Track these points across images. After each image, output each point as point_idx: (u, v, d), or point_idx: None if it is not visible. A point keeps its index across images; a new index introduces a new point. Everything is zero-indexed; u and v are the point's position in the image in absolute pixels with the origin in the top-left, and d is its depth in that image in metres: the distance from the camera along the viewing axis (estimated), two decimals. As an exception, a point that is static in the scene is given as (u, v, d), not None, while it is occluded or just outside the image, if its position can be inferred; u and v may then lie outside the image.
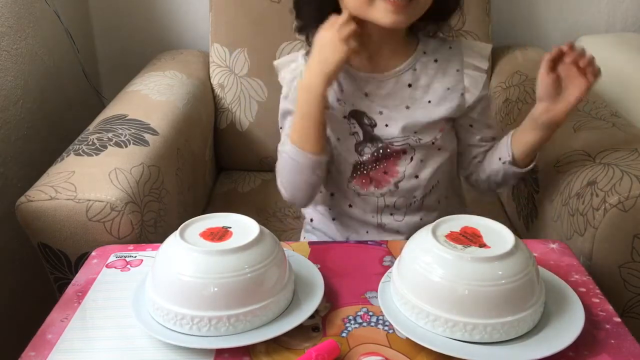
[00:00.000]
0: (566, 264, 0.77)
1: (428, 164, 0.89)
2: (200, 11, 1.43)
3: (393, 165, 0.89)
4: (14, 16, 1.12)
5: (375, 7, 0.78)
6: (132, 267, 0.78)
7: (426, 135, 0.87)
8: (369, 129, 0.87)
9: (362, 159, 0.89)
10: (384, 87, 0.86)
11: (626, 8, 1.50)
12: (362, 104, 0.87)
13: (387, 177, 0.89)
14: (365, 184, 0.90)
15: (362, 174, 0.90)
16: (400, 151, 0.88)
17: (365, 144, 0.88)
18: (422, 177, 0.89)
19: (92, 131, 1.02)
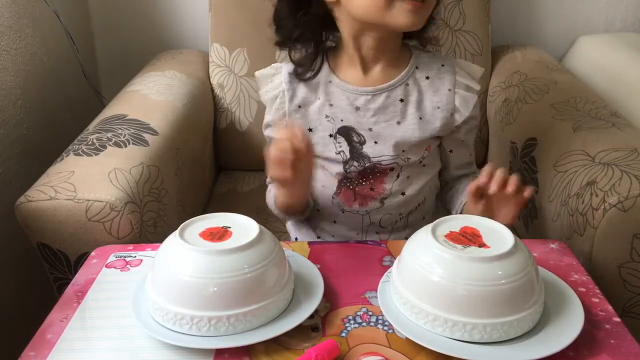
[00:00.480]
0: (566, 263, 0.77)
1: (414, 181, 0.88)
2: (200, 11, 1.43)
3: (380, 183, 0.88)
4: (13, 16, 1.12)
5: (395, 9, 0.77)
6: (131, 267, 0.78)
7: (414, 154, 0.86)
8: (357, 146, 0.86)
9: (349, 176, 0.88)
10: (376, 101, 0.85)
11: (625, 8, 1.50)
12: (352, 119, 0.85)
13: (373, 194, 0.88)
14: (349, 199, 0.89)
15: (348, 188, 0.89)
16: (387, 168, 0.87)
17: (352, 162, 0.87)
18: (408, 193, 0.89)
19: (91, 131, 1.02)
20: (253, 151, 1.35)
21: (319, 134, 0.87)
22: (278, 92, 0.88)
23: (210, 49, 1.35)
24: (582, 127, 1.00)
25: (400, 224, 0.90)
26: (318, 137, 0.87)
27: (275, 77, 0.89)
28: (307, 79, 0.86)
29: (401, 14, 0.77)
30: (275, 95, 0.88)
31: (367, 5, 0.78)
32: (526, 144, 1.08)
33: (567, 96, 1.13)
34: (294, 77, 0.87)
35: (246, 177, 1.35)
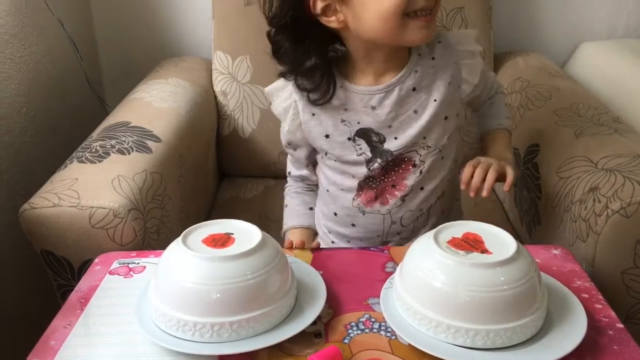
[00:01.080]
0: (569, 269, 0.77)
1: (433, 175, 0.88)
2: (203, 19, 1.44)
3: (401, 179, 0.87)
4: (18, 24, 1.13)
5: (409, 28, 0.77)
6: (134, 273, 0.78)
7: (434, 138, 0.86)
8: (377, 145, 0.86)
9: (371, 174, 0.88)
10: (390, 96, 0.84)
11: (628, 14, 1.50)
12: (369, 120, 0.85)
13: (395, 191, 0.88)
14: (370, 200, 0.89)
15: (370, 188, 0.89)
16: (409, 162, 0.87)
17: (375, 160, 0.87)
18: (427, 188, 0.89)
19: (95, 138, 1.02)
20: (256, 158, 1.36)
21: (336, 139, 0.87)
22: (290, 103, 0.88)
23: (213, 57, 1.36)
24: (585, 133, 1.00)
25: (421, 220, 0.91)
26: (336, 142, 0.87)
27: (284, 89, 0.89)
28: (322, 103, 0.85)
29: (415, 31, 0.77)
30: (287, 106, 0.88)
31: (379, 30, 0.78)
32: (529, 150, 1.08)
33: (569, 102, 1.13)
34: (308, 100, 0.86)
35: (249, 184, 1.35)
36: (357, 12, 0.77)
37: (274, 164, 1.33)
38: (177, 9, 1.49)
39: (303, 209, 0.98)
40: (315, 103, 0.85)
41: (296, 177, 0.99)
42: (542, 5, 1.49)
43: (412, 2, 0.75)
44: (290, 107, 0.88)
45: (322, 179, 0.94)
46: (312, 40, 0.82)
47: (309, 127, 0.88)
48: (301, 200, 0.98)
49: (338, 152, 0.87)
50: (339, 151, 0.87)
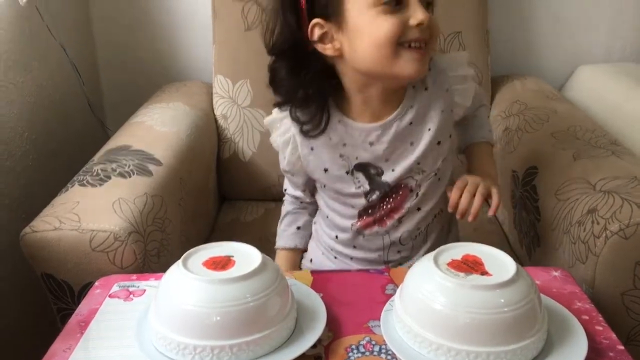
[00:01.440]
0: (569, 291, 0.77)
1: (430, 196, 0.89)
2: (204, 44, 1.46)
3: (400, 204, 0.89)
4: (20, 49, 1.15)
5: (401, 59, 0.77)
6: (134, 296, 0.78)
7: (428, 164, 0.87)
8: (376, 177, 0.87)
9: (371, 204, 0.89)
10: (388, 133, 0.85)
11: (624, 38, 1.52)
12: (367, 155, 0.86)
13: (392, 214, 0.89)
14: (370, 225, 0.90)
15: (369, 215, 0.90)
16: (406, 189, 0.88)
17: (374, 192, 0.88)
18: (424, 209, 0.90)
19: (96, 162, 1.03)
20: (256, 181, 1.36)
21: (335, 173, 0.88)
22: (288, 136, 0.89)
23: (214, 81, 1.37)
24: (583, 156, 1.01)
25: (419, 238, 0.91)
26: (334, 176, 0.88)
27: (282, 121, 0.89)
28: (316, 135, 0.85)
29: (408, 63, 0.77)
30: (287, 140, 0.89)
31: (373, 58, 0.78)
32: (527, 173, 1.09)
33: (567, 125, 1.14)
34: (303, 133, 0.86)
35: (249, 207, 1.35)
36: (352, 40, 0.78)
37: (274, 187, 1.33)
38: (179, 34, 1.51)
39: (292, 229, 1.00)
40: (308, 135, 0.86)
41: (291, 195, 1.00)
42: (539, 29, 1.51)
43: (406, 31, 0.76)
44: (290, 141, 0.89)
45: (322, 205, 0.95)
46: (309, 72, 0.82)
47: (308, 160, 0.89)
48: (292, 219, 1.01)
49: (337, 186, 0.89)
50: (338, 185, 0.88)
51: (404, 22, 0.76)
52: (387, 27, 0.75)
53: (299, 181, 0.95)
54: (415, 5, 0.76)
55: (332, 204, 0.92)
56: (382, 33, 0.76)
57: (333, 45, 0.79)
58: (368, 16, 0.76)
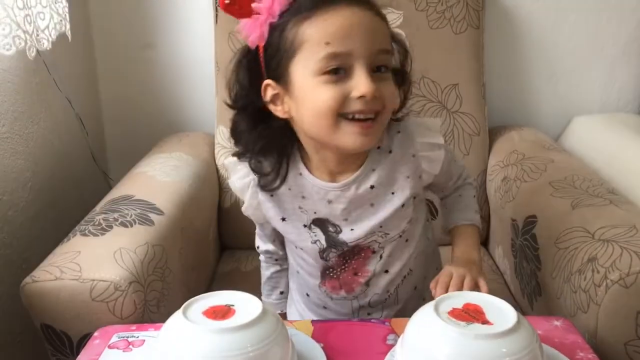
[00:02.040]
0: (571, 341, 0.76)
1: (397, 258, 0.87)
2: (207, 96, 1.48)
3: (362, 265, 0.87)
4: (27, 102, 1.17)
5: (342, 131, 0.73)
6: (134, 347, 0.78)
7: (392, 228, 0.84)
8: (333, 235, 0.84)
9: (329, 264, 0.87)
10: (346, 194, 0.82)
11: (619, 89, 1.55)
12: (326, 212, 0.83)
13: (358, 279, 0.87)
14: (335, 288, 0.89)
15: (332, 277, 0.88)
16: (368, 250, 0.86)
17: (330, 250, 0.85)
18: (392, 271, 0.88)
19: (98, 211, 1.04)
20: (257, 231, 1.36)
21: (293, 223, 0.85)
22: (248, 180, 0.85)
23: (216, 132, 1.39)
24: (581, 205, 1.02)
25: (390, 300, 0.90)
26: (292, 226, 0.85)
27: (243, 170, 0.86)
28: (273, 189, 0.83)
29: (348, 136, 0.73)
30: (246, 184, 0.85)
31: (315, 126, 0.75)
32: (526, 221, 1.09)
33: (564, 174, 1.15)
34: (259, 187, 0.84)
35: (249, 256, 1.35)
36: (298, 106, 0.75)
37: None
38: (182, 86, 1.54)
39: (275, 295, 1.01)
40: (265, 189, 0.83)
41: (263, 252, 0.98)
42: (535, 81, 1.54)
43: (346, 104, 0.72)
44: (249, 185, 0.85)
45: (291, 259, 0.94)
46: (267, 127, 0.79)
47: (267, 207, 0.86)
48: (272, 284, 1.01)
49: (293, 238, 0.86)
50: (295, 237, 0.86)
51: (345, 93, 0.72)
52: (326, 98, 0.72)
53: (267, 231, 0.94)
54: (360, 76, 0.71)
55: (298, 260, 0.91)
56: (322, 103, 0.72)
57: (283, 108, 0.77)
58: (311, 84, 0.72)
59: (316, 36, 0.71)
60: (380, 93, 0.73)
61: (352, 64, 0.72)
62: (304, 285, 0.93)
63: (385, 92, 0.74)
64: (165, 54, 1.52)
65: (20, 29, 1.02)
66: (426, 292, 0.88)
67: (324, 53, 0.71)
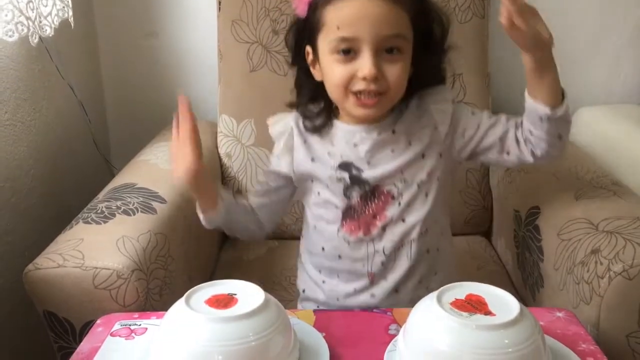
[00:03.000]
0: (573, 332, 0.76)
1: (415, 209, 0.91)
2: (209, 84, 1.48)
3: (382, 210, 0.91)
4: (29, 89, 1.17)
5: (349, 102, 0.86)
6: (136, 335, 0.78)
7: (412, 174, 0.90)
8: (356, 174, 0.91)
9: (351, 203, 0.91)
10: (370, 136, 0.90)
11: (624, 80, 1.54)
12: (352, 155, 0.91)
13: (376, 221, 0.91)
14: (354, 230, 0.92)
15: (352, 219, 0.92)
16: (388, 195, 0.90)
17: (353, 187, 0.91)
18: (408, 221, 0.91)
19: (101, 199, 1.04)
20: (259, 219, 1.36)
21: (321, 164, 0.93)
22: (286, 128, 0.96)
23: (219, 120, 1.39)
24: (584, 196, 1.02)
25: (403, 252, 0.91)
26: (320, 167, 0.93)
27: (284, 119, 0.97)
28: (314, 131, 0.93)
29: (354, 107, 0.86)
30: (284, 130, 0.96)
31: (333, 94, 0.88)
32: (530, 212, 1.09)
33: (568, 165, 1.15)
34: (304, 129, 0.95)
35: (251, 245, 1.35)
36: (323, 74, 0.88)
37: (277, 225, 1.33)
38: (185, 75, 1.54)
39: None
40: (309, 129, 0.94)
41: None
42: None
43: (353, 82, 0.83)
44: (286, 132, 0.96)
45: (309, 217, 0.97)
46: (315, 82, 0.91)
47: (298, 151, 0.94)
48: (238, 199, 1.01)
49: (321, 174, 0.93)
50: (322, 173, 0.93)
51: (352, 72, 0.83)
52: (337, 75, 0.84)
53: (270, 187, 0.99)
54: (366, 58, 0.82)
55: (317, 211, 0.95)
56: (334, 78, 0.85)
57: (317, 72, 0.90)
58: (328, 60, 0.85)
59: (331, 20, 0.83)
60: (384, 75, 0.83)
61: (360, 47, 0.82)
62: (320, 239, 0.95)
63: (390, 74, 0.83)
64: (168, 42, 1.52)
65: (22, 16, 1.02)
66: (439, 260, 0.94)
67: (335, 36, 0.83)
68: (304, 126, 0.94)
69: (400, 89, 0.86)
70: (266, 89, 1.35)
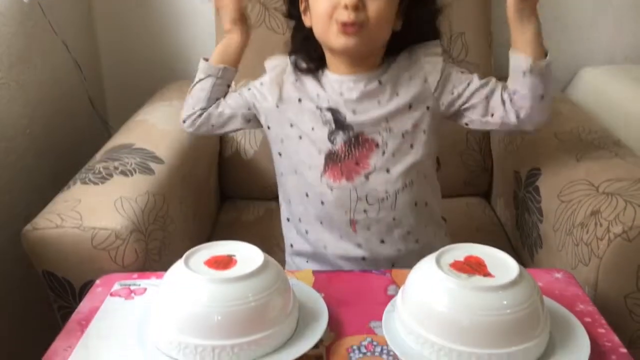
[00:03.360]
0: (571, 293, 0.77)
1: (400, 160, 0.91)
2: (207, 42, 1.45)
3: (365, 158, 0.91)
4: (23, 46, 1.14)
5: (330, 31, 0.87)
6: (136, 295, 0.78)
7: (397, 123, 0.91)
8: (341, 118, 0.92)
9: (334, 148, 0.91)
10: (357, 86, 0.91)
11: (627, 40, 1.52)
12: (338, 103, 0.92)
13: (358, 169, 0.91)
14: (337, 176, 0.92)
15: (335, 164, 0.92)
16: (372, 142, 0.91)
17: (338, 132, 0.91)
18: (392, 172, 0.91)
19: (98, 160, 1.03)
20: (257, 180, 1.36)
21: (307, 105, 0.94)
22: (284, 63, 0.97)
23: (217, 80, 1.36)
24: (586, 157, 1.01)
25: (387, 202, 0.91)
26: (306, 108, 0.94)
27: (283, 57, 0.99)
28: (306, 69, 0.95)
29: (335, 35, 0.86)
30: (279, 64, 0.98)
31: (318, 30, 0.89)
32: (530, 174, 1.09)
33: (570, 126, 1.14)
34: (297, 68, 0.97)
35: (250, 206, 1.35)
36: (311, 15, 0.90)
37: (276, 186, 1.33)
38: (182, 32, 1.51)
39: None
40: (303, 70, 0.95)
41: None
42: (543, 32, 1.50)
43: (337, 12, 0.85)
44: (280, 66, 0.97)
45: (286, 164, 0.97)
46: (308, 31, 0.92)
47: (287, 88, 0.95)
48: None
49: (305, 117, 0.93)
50: (307, 116, 0.93)
51: (335, 3, 0.85)
52: (321, 6, 0.86)
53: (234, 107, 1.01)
54: None
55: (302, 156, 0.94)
56: (319, 9, 0.87)
57: (307, 18, 0.92)
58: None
59: None
60: (366, 6, 0.84)
61: None
62: (303, 184, 0.95)
63: (372, 7, 0.85)
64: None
65: (13, -30, 0.99)
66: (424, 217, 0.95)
67: None
68: (299, 66, 0.96)
69: (381, 24, 0.86)
70: (264, 47, 1.31)
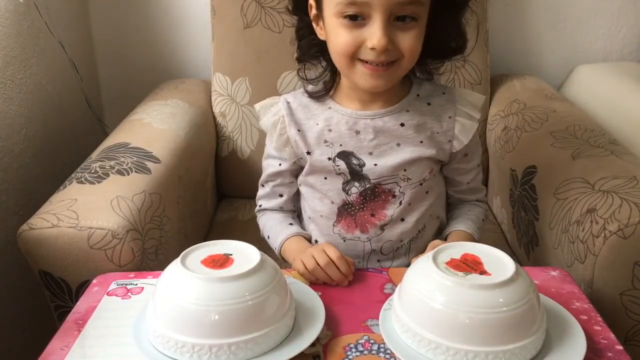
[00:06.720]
0: (567, 291, 0.77)
1: (415, 207, 0.88)
2: (203, 41, 1.45)
3: (381, 209, 0.87)
4: (19, 46, 1.14)
5: (356, 71, 0.78)
6: (132, 294, 0.78)
7: (415, 174, 0.86)
8: (357, 168, 0.85)
9: (349, 199, 0.87)
10: (376, 124, 0.84)
11: (623, 37, 1.52)
12: (352, 144, 0.85)
13: (374, 220, 0.87)
14: (350, 227, 0.88)
15: (349, 215, 0.88)
16: (389, 194, 0.86)
17: (353, 183, 0.86)
18: (408, 220, 0.88)
19: (94, 159, 1.03)
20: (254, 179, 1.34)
21: (317, 157, 0.87)
22: (278, 117, 0.88)
23: (213, 78, 1.37)
24: (582, 155, 1.01)
25: (401, 251, 0.90)
26: (317, 160, 0.87)
27: (274, 106, 0.90)
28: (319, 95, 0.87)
29: (361, 76, 0.78)
30: (276, 121, 0.88)
31: (336, 61, 0.81)
32: (526, 172, 1.09)
33: (566, 124, 1.14)
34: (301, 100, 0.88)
35: (247, 205, 1.35)
36: (327, 36, 0.80)
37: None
38: (178, 31, 1.51)
39: (285, 224, 0.93)
40: (312, 95, 0.87)
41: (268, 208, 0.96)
42: (538, 29, 1.51)
43: (361, 51, 0.76)
44: (278, 122, 0.88)
45: (305, 205, 0.94)
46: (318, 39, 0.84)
47: (296, 144, 0.88)
48: (279, 219, 0.94)
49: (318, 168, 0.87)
50: (320, 167, 0.87)
51: (360, 41, 0.75)
52: (342, 41, 0.76)
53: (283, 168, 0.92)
54: (376, 27, 0.74)
55: (312, 202, 0.90)
56: (339, 45, 0.77)
57: (320, 29, 0.82)
58: (333, 23, 0.77)
59: None
60: (395, 45, 0.75)
61: (370, 13, 0.74)
62: (315, 231, 0.92)
63: (402, 43, 0.76)
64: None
65: (8, -30, 0.99)
66: None
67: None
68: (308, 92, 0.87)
69: (414, 57, 0.79)
70: (261, 46, 1.32)
